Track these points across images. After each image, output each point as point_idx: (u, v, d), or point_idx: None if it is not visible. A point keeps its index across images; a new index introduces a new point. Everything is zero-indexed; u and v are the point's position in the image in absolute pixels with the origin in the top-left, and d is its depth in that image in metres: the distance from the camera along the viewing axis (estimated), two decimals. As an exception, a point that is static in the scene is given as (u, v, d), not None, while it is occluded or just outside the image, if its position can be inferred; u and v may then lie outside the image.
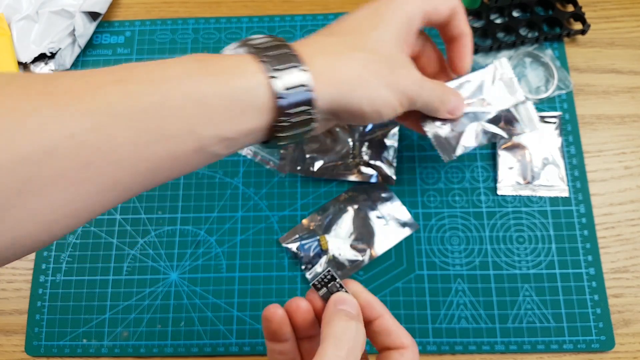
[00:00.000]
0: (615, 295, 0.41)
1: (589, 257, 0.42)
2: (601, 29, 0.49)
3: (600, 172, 0.45)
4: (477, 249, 0.43)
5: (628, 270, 0.42)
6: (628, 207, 0.44)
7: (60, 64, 0.49)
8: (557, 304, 0.41)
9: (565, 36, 0.48)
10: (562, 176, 0.44)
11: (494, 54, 0.49)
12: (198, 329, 0.42)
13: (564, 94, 0.47)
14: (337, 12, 0.51)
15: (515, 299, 0.41)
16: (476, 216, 0.44)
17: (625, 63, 0.48)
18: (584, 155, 0.45)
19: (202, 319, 0.42)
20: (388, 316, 0.27)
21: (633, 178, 0.44)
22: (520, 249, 0.43)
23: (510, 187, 0.44)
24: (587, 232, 0.43)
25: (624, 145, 0.45)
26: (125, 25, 0.52)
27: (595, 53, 0.48)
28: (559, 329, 0.40)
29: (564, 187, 0.44)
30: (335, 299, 0.27)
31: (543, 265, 0.42)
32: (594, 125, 0.46)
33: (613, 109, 0.47)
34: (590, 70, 0.48)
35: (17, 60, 0.49)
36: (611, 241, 0.43)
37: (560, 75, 0.47)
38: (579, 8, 0.49)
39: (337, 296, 0.27)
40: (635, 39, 0.49)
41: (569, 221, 0.43)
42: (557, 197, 0.44)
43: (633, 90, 0.47)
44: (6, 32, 0.49)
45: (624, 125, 0.46)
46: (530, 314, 0.41)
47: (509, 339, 0.40)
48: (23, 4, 0.50)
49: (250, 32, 0.51)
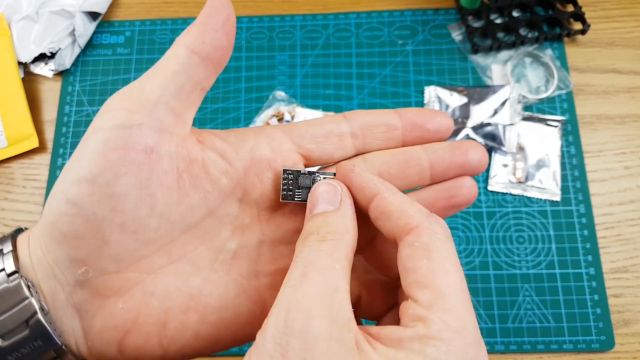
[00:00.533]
0: (615, 295, 0.41)
1: (589, 257, 0.42)
2: (601, 29, 0.49)
3: (600, 172, 0.45)
4: (477, 249, 0.43)
5: (628, 270, 0.42)
6: (628, 207, 0.44)
7: (60, 64, 0.49)
8: (557, 304, 0.41)
9: (565, 36, 0.48)
10: (557, 180, 0.44)
11: (494, 54, 0.49)
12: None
13: (564, 94, 0.47)
14: (337, 12, 0.51)
15: (515, 299, 0.41)
16: (476, 216, 0.44)
17: (625, 63, 0.48)
18: (584, 155, 0.45)
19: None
20: (387, 193, 0.20)
21: (633, 178, 0.44)
22: (520, 249, 0.43)
23: (501, 184, 0.44)
24: (587, 232, 0.43)
25: (624, 145, 0.45)
26: (125, 25, 0.52)
27: (595, 53, 0.48)
28: (559, 329, 0.40)
29: (557, 191, 0.44)
30: (311, 198, 0.21)
31: (543, 265, 0.42)
32: (594, 125, 0.46)
33: (613, 109, 0.47)
34: (590, 70, 0.48)
35: (17, 60, 0.49)
36: (611, 241, 0.43)
37: (560, 75, 0.47)
38: (579, 8, 0.49)
39: (314, 190, 0.21)
40: (635, 39, 0.49)
41: (569, 221, 0.43)
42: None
43: (633, 90, 0.47)
44: (6, 32, 0.49)
45: (624, 125, 0.46)
46: (530, 314, 0.41)
47: (508, 339, 0.40)
48: (23, 4, 0.50)
49: (250, 32, 0.51)
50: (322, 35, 0.50)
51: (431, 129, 0.23)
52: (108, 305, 0.21)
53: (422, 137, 0.23)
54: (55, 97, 0.49)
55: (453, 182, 0.23)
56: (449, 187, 0.23)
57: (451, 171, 0.23)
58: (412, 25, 0.50)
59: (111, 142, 0.20)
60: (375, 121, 0.23)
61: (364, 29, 0.50)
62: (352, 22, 0.51)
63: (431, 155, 0.23)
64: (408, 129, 0.23)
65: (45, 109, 0.49)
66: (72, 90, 0.49)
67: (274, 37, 0.51)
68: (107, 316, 0.21)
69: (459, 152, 0.23)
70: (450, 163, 0.22)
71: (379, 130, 0.23)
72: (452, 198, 0.23)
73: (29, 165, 0.47)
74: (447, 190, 0.23)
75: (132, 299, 0.21)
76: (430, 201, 0.23)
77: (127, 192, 0.20)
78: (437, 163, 0.23)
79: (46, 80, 0.50)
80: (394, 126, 0.23)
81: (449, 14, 0.51)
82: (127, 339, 0.21)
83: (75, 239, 0.20)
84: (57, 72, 0.50)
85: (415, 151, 0.23)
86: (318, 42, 0.50)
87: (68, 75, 0.50)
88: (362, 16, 0.51)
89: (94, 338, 0.21)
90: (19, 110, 0.47)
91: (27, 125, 0.47)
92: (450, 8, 0.51)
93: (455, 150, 0.23)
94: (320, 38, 0.50)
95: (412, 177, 0.23)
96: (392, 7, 0.51)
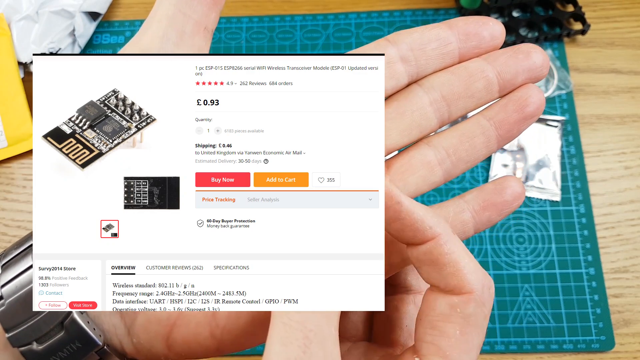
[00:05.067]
0: (615, 295, 0.41)
1: (589, 257, 0.42)
2: (601, 29, 0.49)
3: (600, 172, 0.45)
4: (477, 249, 0.43)
5: (628, 270, 0.42)
6: (628, 207, 0.44)
7: (60, 64, 0.49)
8: (557, 304, 0.41)
9: (565, 36, 0.48)
10: (557, 180, 0.44)
11: (494, 54, 0.49)
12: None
13: (564, 94, 0.47)
14: (337, 12, 0.51)
15: (515, 299, 0.41)
16: (476, 216, 0.44)
17: (625, 63, 0.48)
18: (584, 155, 0.45)
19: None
20: (445, 240, 0.17)
21: (633, 178, 0.44)
22: (520, 249, 0.43)
23: None
24: (587, 232, 0.43)
25: (624, 145, 0.45)
26: (125, 25, 0.52)
27: (595, 53, 0.48)
28: (559, 329, 0.40)
29: (557, 191, 0.44)
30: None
31: (543, 265, 0.42)
32: (594, 125, 0.46)
33: (613, 109, 0.47)
34: (590, 70, 0.48)
35: (17, 60, 0.49)
36: (611, 241, 0.43)
37: (560, 75, 0.47)
38: (579, 8, 0.49)
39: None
40: (635, 39, 0.49)
41: (568, 221, 0.43)
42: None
43: (633, 90, 0.47)
44: (6, 32, 0.49)
45: (624, 125, 0.46)
46: (530, 314, 0.41)
47: (508, 339, 0.40)
48: (23, 4, 0.50)
49: (250, 32, 0.51)
50: (322, 35, 0.50)
51: (487, 36, 0.21)
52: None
53: (479, 46, 0.21)
54: (55, 97, 0.49)
55: (520, 91, 0.21)
56: (519, 97, 0.21)
57: (519, 77, 0.20)
58: (412, 25, 0.50)
59: None
60: (425, 37, 0.21)
61: (364, 29, 0.50)
62: (352, 22, 0.51)
63: (495, 65, 0.20)
64: (462, 39, 0.21)
65: (45, 109, 0.49)
66: (72, 90, 0.49)
67: (274, 37, 0.51)
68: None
69: (523, 55, 0.20)
70: (517, 68, 0.20)
71: (432, 47, 0.21)
72: (525, 108, 0.20)
73: (29, 165, 0.47)
74: (518, 100, 0.20)
75: None
76: (502, 117, 0.20)
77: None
78: (504, 71, 0.20)
79: (46, 80, 0.50)
80: (446, 39, 0.21)
81: (449, 14, 0.51)
82: (174, 333, 0.19)
83: None
84: (57, 72, 0.50)
85: (476, 63, 0.21)
86: (318, 42, 0.50)
87: (68, 75, 0.50)
88: (362, 16, 0.51)
89: (139, 334, 0.20)
90: (19, 110, 0.47)
91: (27, 125, 0.47)
92: (450, 8, 0.51)
93: (518, 54, 0.20)
94: (320, 38, 0.50)
95: (480, 93, 0.21)
96: (392, 7, 0.51)
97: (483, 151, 0.21)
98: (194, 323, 0.19)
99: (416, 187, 0.21)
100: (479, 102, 0.21)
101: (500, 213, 0.21)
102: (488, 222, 0.21)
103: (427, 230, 0.17)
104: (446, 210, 0.21)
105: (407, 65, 0.21)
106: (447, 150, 0.21)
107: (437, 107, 0.21)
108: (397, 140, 0.21)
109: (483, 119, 0.21)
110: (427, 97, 0.21)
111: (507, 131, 0.20)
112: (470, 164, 0.21)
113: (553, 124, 0.46)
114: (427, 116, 0.21)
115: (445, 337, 0.17)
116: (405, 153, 0.21)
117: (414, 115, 0.21)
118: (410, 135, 0.21)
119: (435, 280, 0.17)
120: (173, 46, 0.19)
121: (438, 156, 0.21)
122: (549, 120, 0.46)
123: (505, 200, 0.20)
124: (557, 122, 0.46)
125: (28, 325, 0.18)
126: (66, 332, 0.18)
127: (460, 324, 0.17)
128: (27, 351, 0.18)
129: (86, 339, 0.18)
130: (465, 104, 0.21)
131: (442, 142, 0.21)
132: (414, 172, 0.21)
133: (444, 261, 0.17)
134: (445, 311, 0.17)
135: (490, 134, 0.21)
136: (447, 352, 0.16)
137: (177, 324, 0.19)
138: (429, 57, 0.21)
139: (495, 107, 0.21)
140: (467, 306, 0.17)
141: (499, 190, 0.21)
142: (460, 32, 0.21)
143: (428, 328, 0.17)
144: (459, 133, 0.21)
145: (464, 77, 0.21)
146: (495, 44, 0.21)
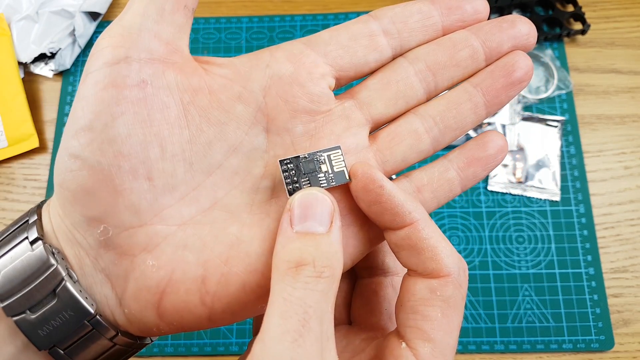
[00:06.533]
0: (614, 295, 0.41)
1: (589, 257, 0.42)
2: (601, 29, 0.49)
3: (600, 172, 0.45)
4: (476, 249, 0.43)
5: (627, 270, 0.42)
6: (628, 207, 0.44)
7: (61, 64, 0.49)
8: (556, 303, 0.41)
9: (565, 36, 0.48)
10: (557, 180, 0.44)
11: (493, 54, 0.49)
12: (198, 328, 0.42)
13: (564, 94, 0.47)
14: (337, 12, 0.51)
15: (514, 298, 0.41)
16: (476, 216, 0.44)
17: (625, 63, 0.48)
18: (583, 155, 0.45)
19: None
20: (423, 225, 0.18)
21: (633, 178, 0.45)
22: (520, 248, 0.43)
23: (501, 184, 0.44)
24: (587, 232, 0.43)
25: (624, 145, 0.45)
26: (125, 25, 0.52)
27: (595, 53, 0.48)
28: (559, 328, 0.41)
29: (556, 191, 0.44)
30: (298, 207, 0.18)
31: (542, 265, 0.42)
32: (594, 125, 0.46)
33: (613, 109, 0.47)
34: (590, 70, 0.48)
35: (17, 60, 0.49)
36: (611, 241, 0.43)
37: (560, 75, 0.47)
38: (579, 8, 0.49)
39: (301, 198, 0.18)
40: (635, 39, 0.49)
41: (568, 221, 0.43)
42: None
43: (633, 90, 0.47)
44: (6, 32, 0.49)
45: (624, 125, 0.46)
46: (530, 314, 0.41)
47: (508, 339, 0.41)
48: (23, 4, 0.50)
49: (250, 32, 0.51)
50: (322, 35, 0.50)
51: (469, 9, 0.21)
52: (137, 264, 0.19)
53: (462, 19, 0.21)
54: (56, 97, 0.49)
55: (507, 57, 0.21)
56: (505, 63, 0.21)
57: (504, 45, 0.21)
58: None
59: (100, 83, 0.18)
60: (407, 11, 0.21)
61: (364, 28, 0.50)
62: (352, 22, 0.51)
63: (479, 35, 0.21)
64: (445, 13, 0.21)
65: (46, 109, 0.49)
66: (72, 90, 0.49)
67: (274, 37, 0.51)
68: (138, 277, 0.19)
69: (507, 24, 0.21)
70: (502, 37, 0.21)
71: (414, 20, 0.21)
72: (512, 73, 0.20)
73: (29, 165, 0.47)
74: (504, 66, 0.21)
75: (162, 254, 0.19)
76: (489, 83, 0.21)
77: (129, 132, 0.18)
78: (489, 39, 0.21)
79: (46, 80, 0.50)
80: (428, 12, 0.21)
81: (449, 13, 0.51)
82: (164, 300, 0.19)
83: (85, 195, 0.18)
84: (57, 72, 0.50)
85: (461, 34, 0.21)
86: (318, 42, 0.50)
87: (68, 76, 0.50)
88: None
89: (130, 304, 0.19)
90: (19, 110, 0.47)
91: (27, 126, 0.47)
92: (450, 8, 0.51)
93: (503, 23, 0.21)
94: (320, 38, 0.50)
95: (465, 61, 0.21)
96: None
97: (471, 117, 0.21)
98: (184, 290, 0.19)
99: (403, 155, 0.21)
100: (465, 71, 0.21)
101: (485, 167, 0.21)
102: (474, 178, 0.21)
103: (406, 214, 0.18)
104: (431, 171, 0.21)
105: (390, 38, 0.21)
106: (434, 118, 0.21)
107: (422, 76, 0.21)
108: (382, 111, 0.21)
109: (470, 85, 0.21)
110: (411, 68, 0.21)
111: (494, 97, 0.21)
112: (459, 132, 0.21)
113: (553, 124, 0.46)
114: (412, 86, 0.21)
115: (427, 320, 0.17)
116: (392, 123, 0.21)
117: (398, 85, 0.21)
118: (396, 106, 0.21)
119: (413, 265, 0.18)
120: (153, 23, 0.19)
121: (425, 124, 0.21)
122: (548, 120, 0.46)
123: (489, 154, 0.21)
124: (557, 122, 0.46)
125: (22, 294, 0.18)
126: (59, 300, 0.18)
127: (441, 307, 0.17)
128: (21, 320, 0.18)
129: (78, 307, 0.18)
130: (451, 73, 0.21)
131: (429, 110, 0.21)
132: (401, 140, 0.21)
133: (422, 246, 0.18)
134: (426, 295, 0.18)
135: (477, 100, 0.21)
136: (431, 334, 0.17)
137: (166, 292, 0.19)
138: (411, 30, 0.21)
139: (482, 73, 0.21)
140: (446, 289, 0.17)
141: (481, 145, 0.21)
142: (443, 6, 0.21)
143: (410, 313, 0.18)
144: (445, 101, 0.21)
145: (448, 47, 0.21)
146: (478, 17, 0.21)
